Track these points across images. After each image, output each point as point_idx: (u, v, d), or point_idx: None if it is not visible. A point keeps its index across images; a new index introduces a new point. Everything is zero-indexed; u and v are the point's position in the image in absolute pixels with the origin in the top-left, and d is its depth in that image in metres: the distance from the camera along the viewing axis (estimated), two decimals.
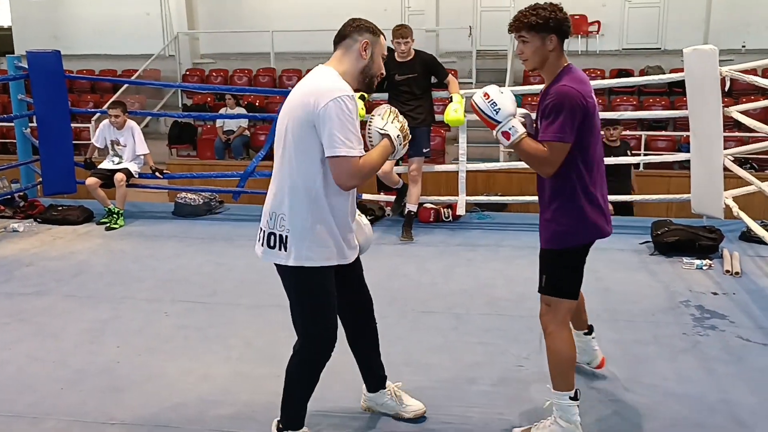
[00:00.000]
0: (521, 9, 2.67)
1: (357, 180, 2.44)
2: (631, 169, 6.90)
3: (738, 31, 12.66)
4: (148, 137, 7.30)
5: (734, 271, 4.70)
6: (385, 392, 2.97)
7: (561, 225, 2.67)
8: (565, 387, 2.68)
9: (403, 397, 2.98)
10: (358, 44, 2.55)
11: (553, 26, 2.61)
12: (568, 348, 2.71)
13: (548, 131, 2.55)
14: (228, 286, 4.65)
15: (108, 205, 6.32)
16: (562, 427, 2.69)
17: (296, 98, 2.48)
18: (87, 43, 14.96)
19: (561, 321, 2.72)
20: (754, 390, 3.13)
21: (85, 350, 3.64)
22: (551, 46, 2.62)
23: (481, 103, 2.67)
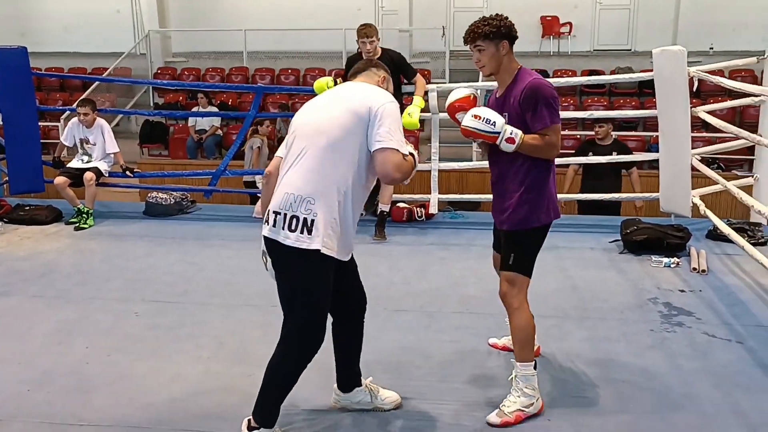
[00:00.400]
0: (473, 22, 2.98)
1: (400, 174, 2.59)
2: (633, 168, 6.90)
3: (706, 34, 12.87)
4: (119, 136, 7.21)
5: (701, 269, 4.78)
6: (360, 389, 2.98)
7: (534, 206, 2.92)
8: (528, 357, 2.95)
9: (379, 390, 3.01)
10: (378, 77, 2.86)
11: (504, 32, 2.93)
12: (531, 321, 3.01)
13: (539, 120, 2.82)
14: (199, 285, 4.61)
15: (77, 205, 6.23)
16: (529, 394, 2.92)
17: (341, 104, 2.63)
18: (55, 41, 14.70)
19: (524, 297, 3.01)
20: (718, 384, 3.20)
21: (53, 351, 3.59)
22: (504, 51, 2.93)
23: (475, 124, 2.87)
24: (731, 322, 3.94)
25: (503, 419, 2.89)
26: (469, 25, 3.01)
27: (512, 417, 2.89)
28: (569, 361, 3.45)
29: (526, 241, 2.99)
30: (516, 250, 2.99)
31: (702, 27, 12.85)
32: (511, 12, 9.50)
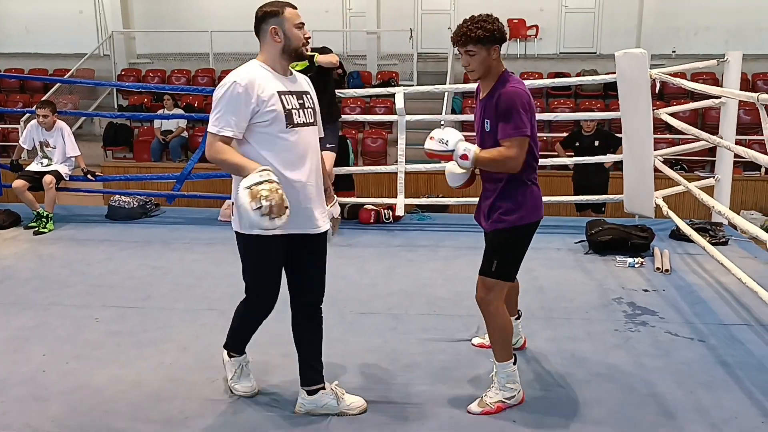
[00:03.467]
0: (464, 23, 2.91)
1: (210, 154, 2.73)
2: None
3: (668, 37, 13.12)
4: (82, 139, 7.09)
5: (664, 269, 4.84)
6: (326, 393, 2.95)
7: (517, 205, 2.93)
8: (508, 356, 2.99)
9: (344, 394, 2.98)
10: (268, 33, 2.81)
11: (498, 37, 2.87)
12: (509, 321, 3.03)
13: (507, 129, 2.80)
14: (162, 290, 4.53)
15: (36, 209, 6.09)
16: (511, 388, 2.98)
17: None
18: (16, 41, 14.40)
19: (500, 301, 3.00)
20: (681, 383, 3.23)
21: (8, 359, 3.48)
22: (495, 55, 2.89)
23: (431, 145, 2.97)
24: (693, 320, 3.99)
25: (484, 409, 2.94)
26: (459, 25, 2.92)
27: (494, 407, 2.95)
28: (535, 361, 3.46)
29: (509, 242, 2.97)
30: (499, 255, 2.97)
31: (665, 31, 13.10)
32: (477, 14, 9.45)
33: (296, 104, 2.82)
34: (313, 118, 2.90)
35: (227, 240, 3.80)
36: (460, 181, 3.08)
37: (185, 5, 14.38)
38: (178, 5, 14.41)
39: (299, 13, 2.85)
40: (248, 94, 2.70)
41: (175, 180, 6.65)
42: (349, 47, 13.81)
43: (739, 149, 4.01)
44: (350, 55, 13.44)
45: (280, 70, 2.83)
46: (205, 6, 14.13)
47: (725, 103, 5.69)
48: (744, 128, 9.52)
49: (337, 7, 14.08)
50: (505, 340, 2.99)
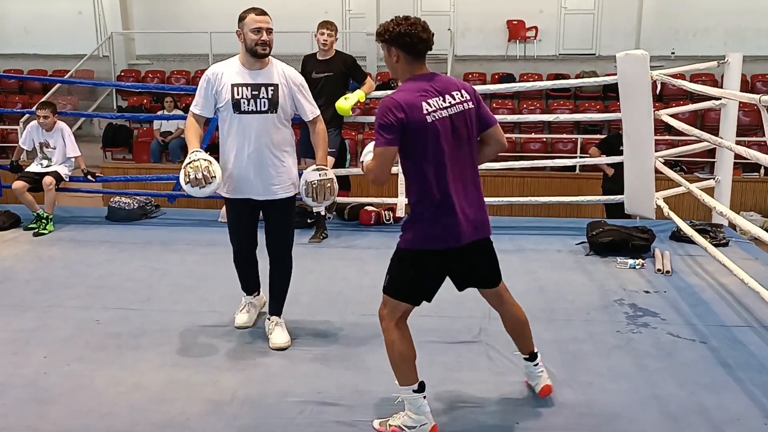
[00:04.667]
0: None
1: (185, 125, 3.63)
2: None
3: (668, 39, 13.13)
4: (81, 140, 7.08)
5: (665, 270, 4.84)
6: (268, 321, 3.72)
7: (406, 227, 2.81)
8: (406, 381, 2.80)
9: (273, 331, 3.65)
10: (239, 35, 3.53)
11: (389, 39, 2.73)
12: (398, 345, 2.81)
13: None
14: (163, 291, 4.52)
15: (36, 210, 6.07)
16: (412, 419, 2.79)
17: None
18: (15, 42, 14.40)
19: (392, 319, 2.84)
20: (683, 384, 3.22)
21: (8, 361, 3.47)
22: (395, 57, 2.76)
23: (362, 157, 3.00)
24: (695, 322, 3.98)
25: (380, 428, 2.85)
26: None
27: (389, 430, 2.82)
28: None
29: (396, 261, 2.86)
30: (390, 270, 2.89)
31: (664, 32, 13.11)
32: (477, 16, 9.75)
33: (248, 95, 3.47)
34: (267, 107, 3.49)
35: (227, 241, 3.80)
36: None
37: (185, 6, 14.38)
38: (178, 6, 14.42)
39: (262, 20, 3.46)
40: (210, 83, 3.52)
41: (175, 181, 6.63)
42: (348, 48, 13.80)
43: (741, 150, 4.01)
44: None
45: (247, 64, 3.52)
46: (205, 7, 14.12)
47: (726, 104, 5.69)
48: (743, 130, 9.54)
49: (336, 7, 14.09)
50: (396, 361, 2.80)
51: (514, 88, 9.31)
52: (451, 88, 2.75)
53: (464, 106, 2.75)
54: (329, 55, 5.70)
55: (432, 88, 2.71)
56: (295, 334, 3.73)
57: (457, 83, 2.81)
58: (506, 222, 6.37)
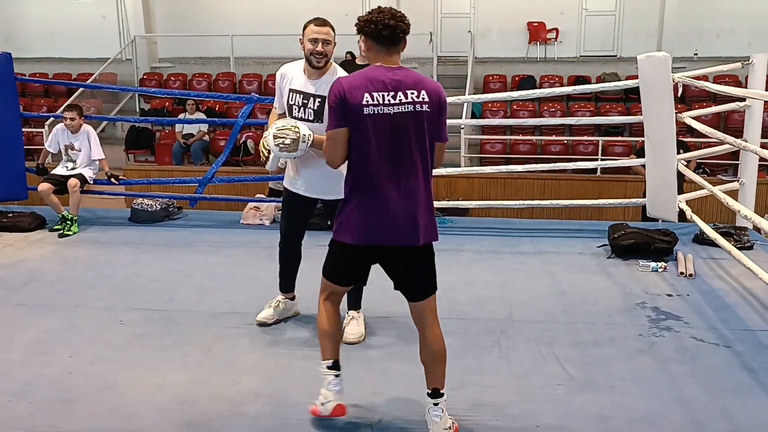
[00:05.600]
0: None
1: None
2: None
3: (690, 40, 13.00)
4: (104, 142, 7.16)
5: (688, 273, 4.79)
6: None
7: (337, 214, 2.80)
8: (323, 356, 2.87)
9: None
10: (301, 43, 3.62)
11: (359, 28, 2.76)
12: (320, 320, 2.89)
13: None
14: (186, 293, 4.56)
15: (61, 212, 6.16)
16: (322, 395, 2.86)
17: None
18: (40, 46, 14.62)
19: (322, 295, 2.91)
20: (707, 388, 3.19)
21: (35, 361, 3.52)
22: (365, 47, 2.76)
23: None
24: (719, 326, 3.94)
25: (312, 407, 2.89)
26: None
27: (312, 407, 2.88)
28: (558, 366, 3.43)
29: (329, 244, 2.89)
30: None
31: (687, 33, 12.98)
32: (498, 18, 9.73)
33: (299, 102, 3.59)
34: (313, 117, 3.56)
35: (250, 243, 3.83)
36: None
37: (206, 10, 14.50)
38: (200, 10, 14.55)
39: (319, 31, 3.52)
40: (279, 81, 3.72)
41: (197, 183, 6.70)
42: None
43: (766, 153, 3.96)
44: None
45: (307, 72, 3.62)
46: (226, 10, 14.24)
47: (750, 106, 5.62)
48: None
49: (356, 10, 14.07)
50: (319, 336, 2.91)
51: (534, 94, 9.27)
52: (407, 86, 2.63)
53: (417, 107, 2.63)
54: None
55: (385, 81, 2.63)
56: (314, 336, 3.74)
57: (421, 83, 2.67)
58: (527, 224, 6.35)
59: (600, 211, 8.15)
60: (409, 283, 2.85)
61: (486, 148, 11.33)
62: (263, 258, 5.10)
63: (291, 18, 13.46)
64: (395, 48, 2.72)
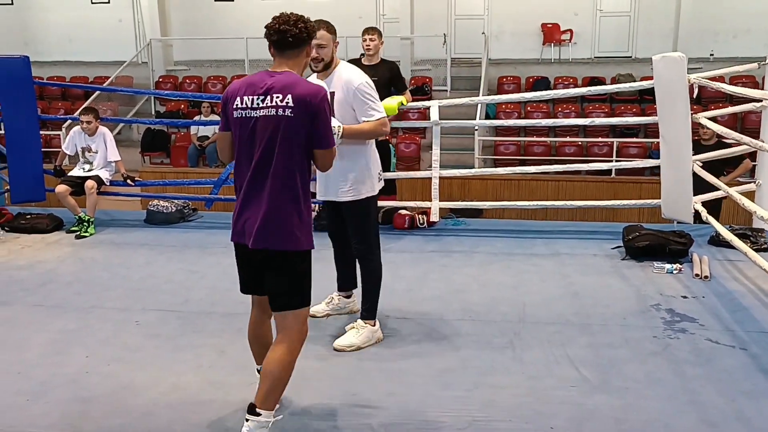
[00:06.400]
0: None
1: None
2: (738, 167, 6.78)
3: (706, 40, 12.89)
4: (120, 144, 7.22)
5: (704, 275, 4.76)
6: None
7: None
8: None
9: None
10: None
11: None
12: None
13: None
14: (200, 294, 4.59)
15: (78, 213, 6.23)
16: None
17: None
18: (58, 50, 14.78)
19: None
20: (722, 391, 3.17)
21: (51, 361, 3.57)
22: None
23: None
24: (734, 328, 3.91)
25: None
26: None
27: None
28: (572, 368, 3.42)
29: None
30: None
31: (702, 33, 12.88)
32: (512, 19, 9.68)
33: None
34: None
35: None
36: None
37: (221, 13, 14.60)
38: (215, 13, 14.64)
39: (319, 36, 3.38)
40: None
41: (212, 185, 6.74)
42: (382, 53, 13.87)
43: None
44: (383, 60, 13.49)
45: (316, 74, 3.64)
46: (241, 13, 14.32)
47: (767, 106, 5.57)
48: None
49: (370, 12, 14.15)
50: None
51: (548, 95, 9.25)
52: (275, 90, 2.63)
53: (278, 111, 2.62)
54: (375, 60, 5.73)
55: (259, 85, 2.67)
56: (329, 338, 3.77)
57: (290, 87, 2.64)
58: (541, 226, 6.33)
59: (614, 212, 8.11)
60: (268, 289, 2.78)
61: (500, 150, 11.31)
62: None
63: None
64: (285, 53, 2.74)
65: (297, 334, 2.72)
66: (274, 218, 2.66)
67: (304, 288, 2.75)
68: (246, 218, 2.71)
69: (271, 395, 2.67)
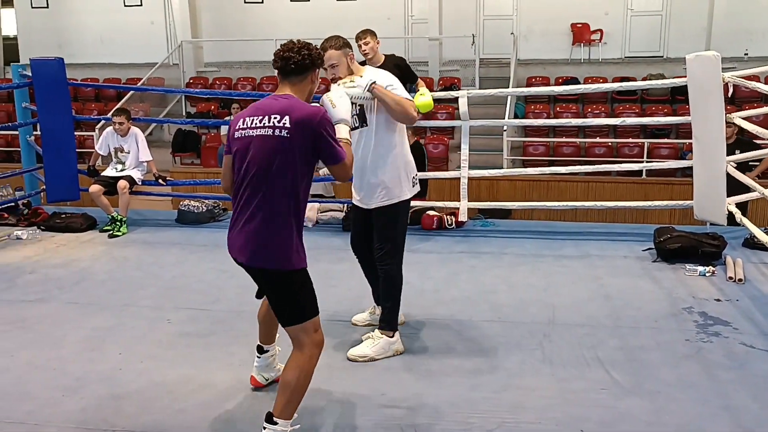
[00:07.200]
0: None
1: None
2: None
3: (740, 39, 12.67)
4: (152, 145, 7.33)
5: (737, 278, 4.68)
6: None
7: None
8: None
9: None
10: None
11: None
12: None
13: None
14: (230, 293, 4.64)
15: (111, 213, 6.33)
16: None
17: None
18: (91, 52, 15.04)
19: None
20: (757, 396, 3.12)
21: (86, 358, 3.64)
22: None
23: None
24: None
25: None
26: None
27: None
28: (602, 370, 3.39)
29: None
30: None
31: (736, 32, 12.66)
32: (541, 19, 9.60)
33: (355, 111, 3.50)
34: (358, 123, 3.54)
35: None
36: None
37: (251, 14, 14.73)
38: (244, 14, 14.78)
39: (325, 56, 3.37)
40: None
41: None
42: (411, 54, 13.85)
43: None
44: (412, 61, 13.37)
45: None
46: (270, 15, 14.44)
47: None
48: None
49: (399, 14, 14.17)
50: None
51: (578, 89, 9.18)
52: (274, 112, 2.68)
53: (274, 131, 2.65)
54: (378, 61, 5.67)
55: (263, 107, 2.74)
56: (357, 337, 3.78)
57: (288, 110, 2.67)
58: (570, 227, 6.28)
59: (645, 214, 8.03)
60: (270, 305, 2.87)
61: (529, 151, 11.24)
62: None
63: (334, 21, 13.60)
64: (288, 78, 2.80)
65: (309, 345, 2.75)
66: (266, 238, 2.70)
67: (303, 303, 2.76)
68: (239, 236, 2.76)
69: (289, 405, 2.70)
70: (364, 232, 3.77)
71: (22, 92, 7.06)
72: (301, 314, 2.73)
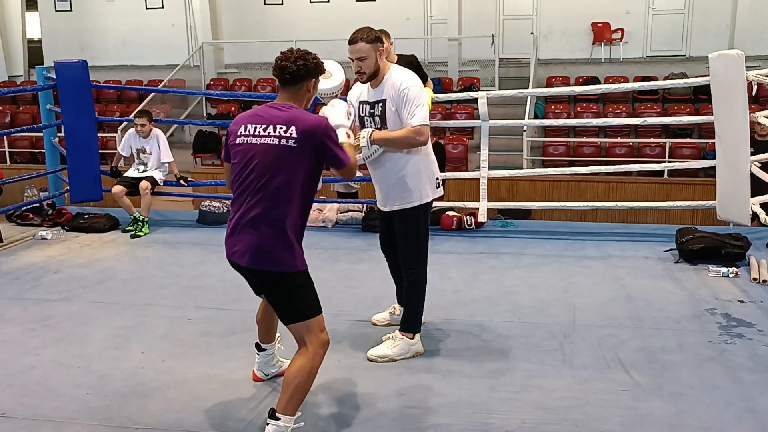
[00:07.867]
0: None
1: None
2: None
3: (764, 38, 12.51)
4: (173, 146, 7.39)
5: (762, 279, 4.62)
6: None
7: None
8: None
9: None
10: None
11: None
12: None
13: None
14: (250, 293, 4.55)
15: (133, 213, 6.40)
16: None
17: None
18: (114, 54, 15.22)
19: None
20: None
21: (110, 356, 3.69)
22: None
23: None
24: None
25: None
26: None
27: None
28: (623, 372, 3.37)
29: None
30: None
31: (761, 30, 12.51)
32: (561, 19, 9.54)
33: (368, 112, 3.54)
34: (379, 124, 3.50)
35: (312, 245, 3.88)
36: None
37: (271, 16, 14.81)
38: (264, 16, 14.87)
39: (351, 50, 3.40)
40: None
41: None
42: (430, 54, 13.86)
43: None
44: (431, 61, 13.48)
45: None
46: (290, 16, 14.52)
47: None
48: None
49: (418, 14, 14.17)
50: None
51: (599, 89, 9.11)
52: (280, 122, 2.72)
53: (279, 141, 2.70)
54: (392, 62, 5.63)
55: (265, 115, 2.78)
56: (377, 337, 3.79)
57: (294, 121, 2.72)
58: (591, 228, 6.24)
59: (667, 214, 7.96)
60: (272, 303, 2.92)
61: (549, 151, 11.18)
62: (325, 260, 5.19)
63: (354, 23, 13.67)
64: (286, 87, 2.83)
65: (314, 344, 2.78)
66: (269, 243, 2.75)
67: (304, 302, 2.80)
68: (240, 240, 2.80)
69: (292, 402, 2.74)
70: (389, 234, 3.75)
71: (46, 94, 7.16)
72: (303, 312, 2.80)
